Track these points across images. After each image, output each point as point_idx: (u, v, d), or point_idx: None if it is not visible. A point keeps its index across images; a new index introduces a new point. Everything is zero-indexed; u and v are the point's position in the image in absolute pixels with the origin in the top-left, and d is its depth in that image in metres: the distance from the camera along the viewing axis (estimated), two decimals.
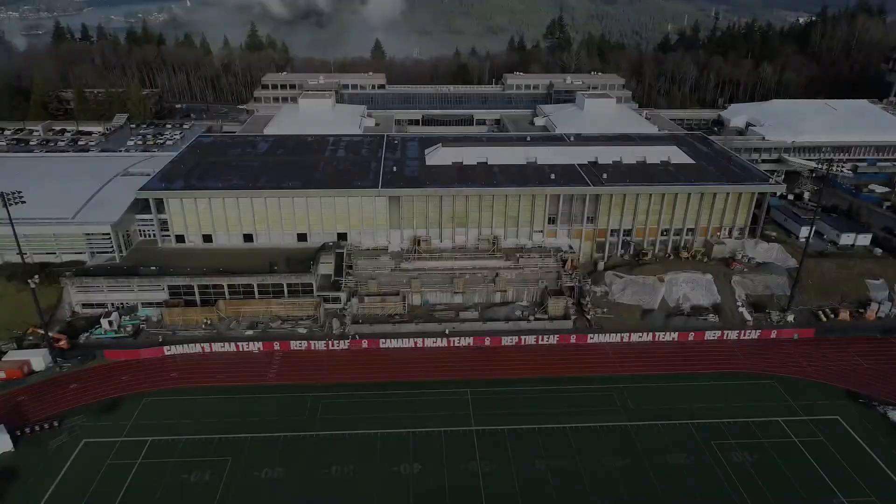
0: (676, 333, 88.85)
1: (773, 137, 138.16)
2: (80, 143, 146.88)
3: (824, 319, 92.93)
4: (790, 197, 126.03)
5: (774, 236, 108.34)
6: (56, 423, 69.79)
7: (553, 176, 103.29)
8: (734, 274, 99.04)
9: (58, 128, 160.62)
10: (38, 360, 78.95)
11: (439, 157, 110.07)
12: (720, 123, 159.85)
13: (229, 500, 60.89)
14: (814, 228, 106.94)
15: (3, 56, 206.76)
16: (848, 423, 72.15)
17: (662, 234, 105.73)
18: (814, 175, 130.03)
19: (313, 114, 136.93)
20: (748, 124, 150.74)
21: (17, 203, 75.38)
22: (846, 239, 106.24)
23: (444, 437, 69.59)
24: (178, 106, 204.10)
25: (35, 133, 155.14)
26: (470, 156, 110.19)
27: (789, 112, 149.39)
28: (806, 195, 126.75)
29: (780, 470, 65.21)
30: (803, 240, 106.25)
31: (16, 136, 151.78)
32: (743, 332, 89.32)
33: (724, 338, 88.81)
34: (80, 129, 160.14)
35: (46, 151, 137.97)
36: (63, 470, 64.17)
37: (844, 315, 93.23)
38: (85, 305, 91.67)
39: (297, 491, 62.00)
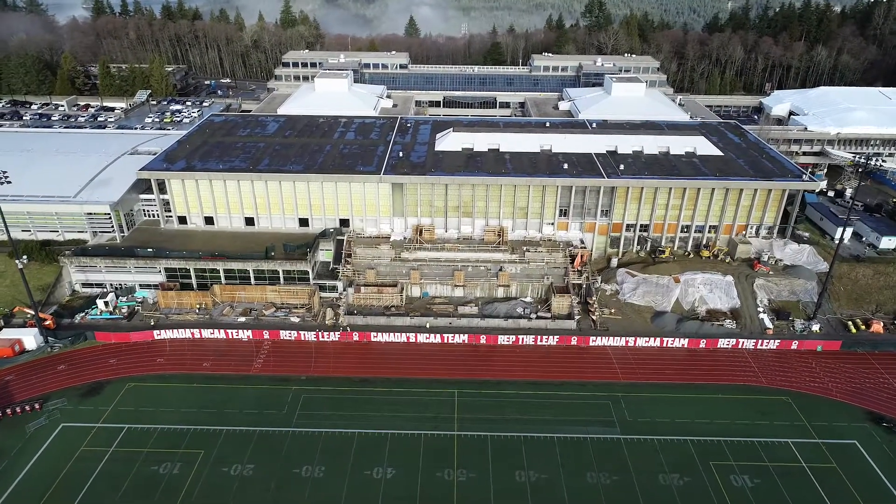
0: (687, 340, 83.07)
1: (815, 128, 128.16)
2: (99, 119, 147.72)
3: (854, 331, 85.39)
4: (830, 194, 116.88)
5: (807, 237, 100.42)
6: (37, 406, 69.58)
7: (566, 165, 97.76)
8: (758, 277, 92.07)
9: (82, 103, 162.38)
10: (30, 339, 79.08)
11: (449, 142, 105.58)
12: (761, 111, 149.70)
13: (194, 495, 59.34)
14: (851, 229, 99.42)
15: (40, 30, 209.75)
16: (866, 449, 65.73)
17: (682, 231, 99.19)
18: (860, 170, 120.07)
19: (329, 94, 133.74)
20: (791, 113, 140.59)
21: (2, 183, 74.58)
22: (887, 242, 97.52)
23: (423, 440, 66.44)
24: (207, 82, 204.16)
25: (60, 108, 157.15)
26: (481, 142, 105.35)
27: (837, 100, 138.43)
28: (848, 192, 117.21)
29: (781, 498, 59.70)
30: (838, 240, 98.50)
31: (39, 111, 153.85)
32: (761, 340, 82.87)
33: (740, 346, 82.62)
34: (104, 104, 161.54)
35: (65, 127, 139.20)
36: (37, 454, 63.74)
37: (877, 327, 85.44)
38: (84, 285, 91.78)
39: (263, 490, 59.98)
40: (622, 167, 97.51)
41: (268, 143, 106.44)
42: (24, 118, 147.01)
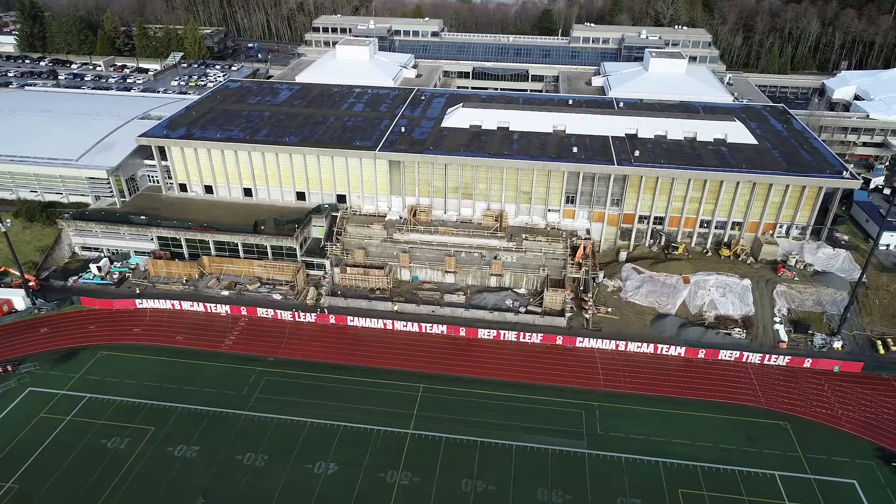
0: (684, 348, 76.01)
1: (878, 115, 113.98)
2: (128, 81, 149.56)
3: (882, 351, 75.72)
4: (886, 191, 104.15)
5: (846, 240, 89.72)
6: (10, 368, 71.08)
7: (575, 149, 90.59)
8: (780, 282, 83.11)
9: (119, 64, 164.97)
10: (20, 300, 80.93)
11: (457, 118, 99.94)
12: (823, 93, 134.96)
13: (133, 473, 58.97)
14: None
15: None
16: (865, 493, 58.05)
17: (702, 226, 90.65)
18: None
19: (349, 62, 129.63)
20: (856, 97, 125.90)
21: None
22: None
23: (374, 437, 63.67)
24: (249, 45, 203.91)
25: (97, 68, 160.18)
26: (491, 119, 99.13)
27: None
28: None
29: None
30: (883, 247, 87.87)
31: (74, 71, 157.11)
32: (769, 355, 74.75)
33: (744, 360, 74.89)
34: (140, 66, 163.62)
35: (93, 88, 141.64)
36: None
37: None
38: (84, 248, 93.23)
39: (201, 474, 58.95)
40: (637, 153, 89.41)
41: (273, 113, 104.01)
42: (60, 78, 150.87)
